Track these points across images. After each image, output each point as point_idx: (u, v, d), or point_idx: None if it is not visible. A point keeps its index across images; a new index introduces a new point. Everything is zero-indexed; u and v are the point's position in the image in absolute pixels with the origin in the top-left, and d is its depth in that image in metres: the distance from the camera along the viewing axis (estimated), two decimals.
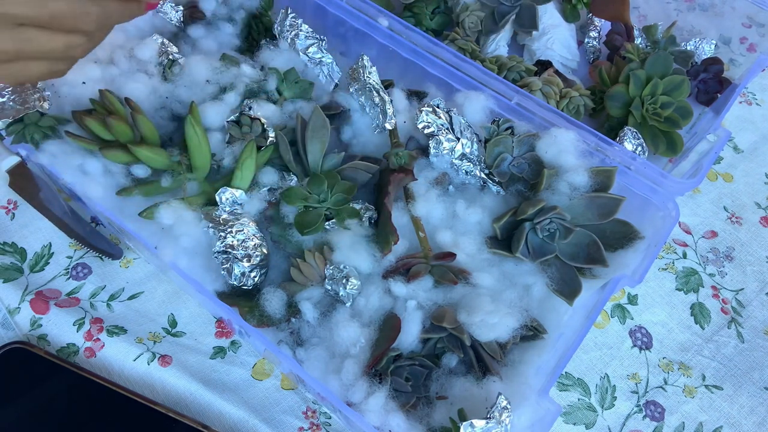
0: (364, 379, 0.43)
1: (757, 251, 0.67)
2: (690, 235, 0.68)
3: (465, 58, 0.61)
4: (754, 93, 0.81)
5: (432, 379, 0.46)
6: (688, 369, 0.58)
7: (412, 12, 0.75)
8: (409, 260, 0.50)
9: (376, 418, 0.42)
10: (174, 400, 0.52)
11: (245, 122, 0.53)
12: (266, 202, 0.52)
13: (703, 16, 0.79)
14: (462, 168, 0.55)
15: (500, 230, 0.52)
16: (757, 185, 0.73)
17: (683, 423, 0.55)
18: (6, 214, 0.60)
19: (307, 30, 0.61)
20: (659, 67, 0.67)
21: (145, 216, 0.50)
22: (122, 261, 0.58)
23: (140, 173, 0.52)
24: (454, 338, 0.46)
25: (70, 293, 0.56)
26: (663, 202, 0.54)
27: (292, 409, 0.52)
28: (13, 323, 0.53)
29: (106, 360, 0.53)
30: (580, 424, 0.54)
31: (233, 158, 0.52)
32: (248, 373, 0.54)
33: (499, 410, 0.40)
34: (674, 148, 0.67)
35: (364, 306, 0.47)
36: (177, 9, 0.64)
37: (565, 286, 0.51)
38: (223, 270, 0.49)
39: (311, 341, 0.47)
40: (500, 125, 0.56)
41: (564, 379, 0.56)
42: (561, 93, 0.68)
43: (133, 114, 0.51)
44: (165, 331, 0.55)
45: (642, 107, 0.66)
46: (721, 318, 0.62)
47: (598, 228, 0.52)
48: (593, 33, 0.79)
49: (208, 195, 0.51)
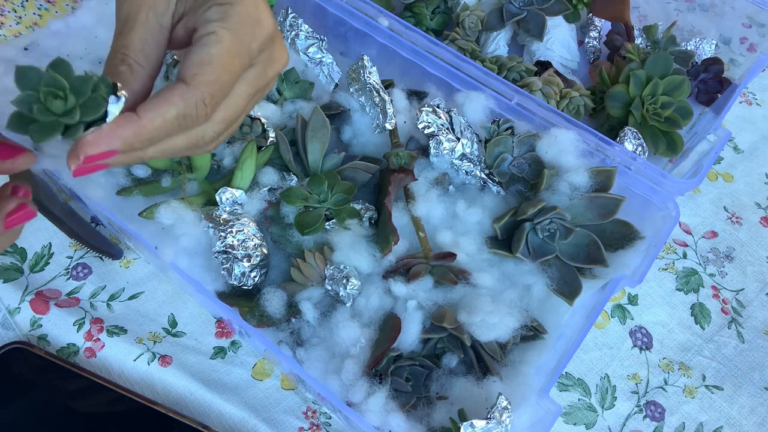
0: (364, 379, 0.43)
1: (757, 251, 0.67)
2: (690, 235, 0.68)
3: (465, 58, 0.61)
4: (754, 93, 0.81)
5: (432, 379, 0.46)
6: (689, 369, 0.58)
7: (412, 12, 0.75)
8: (409, 260, 0.50)
9: (376, 418, 0.42)
10: (174, 400, 0.52)
11: (245, 122, 0.53)
12: (266, 202, 0.52)
13: (703, 16, 0.79)
14: (462, 168, 0.55)
15: (500, 230, 0.52)
16: (757, 185, 0.73)
17: (683, 423, 0.55)
18: None
19: (307, 30, 0.61)
20: (659, 67, 0.67)
21: (145, 216, 0.50)
22: (122, 261, 0.58)
23: (140, 173, 0.52)
24: (455, 338, 0.46)
25: (70, 293, 0.56)
26: (663, 202, 0.54)
27: (292, 409, 0.52)
28: (13, 323, 0.53)
29: (106, 360, 0.53)
30: (580, 425, 0.54)
31: (233, 158, 0.52)
32: (248, 373, 0.54)
33: (500, 410, 0.40)
34: (674, 148, 0.67)
35: (365, 306, 0.47)
36: None
37: (565, 286, 0.51)
38: (223, 270, 0.49)
39: (311, 341, 0.48)
40: (500, 125, 0.56)
41: (564, 379, 0.56)
42: (561, 93, 0.68)
43: None
44: (165, 331, 0.55)
45: (642, 107, 0.66)
46: (721, 318, 0.62)
47: (599, 228, 0.52)
48: (593, 33, 0.79)
49: (208, 195, 0.51)
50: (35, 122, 0.30)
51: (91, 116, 0.30)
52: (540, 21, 0.73)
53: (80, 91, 0.30)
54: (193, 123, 0.33)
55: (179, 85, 0.32)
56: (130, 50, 0.33)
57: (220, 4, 0.34)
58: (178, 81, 0.33)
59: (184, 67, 0.33)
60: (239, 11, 0.34)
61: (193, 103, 0.33)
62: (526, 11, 0.73)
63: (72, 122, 0.30)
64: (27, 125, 0.30)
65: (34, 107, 0.30)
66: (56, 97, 0.30)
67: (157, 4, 0.34)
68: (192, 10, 0.35)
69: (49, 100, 0.30)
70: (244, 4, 0.35)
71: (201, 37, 0.34)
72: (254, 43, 0.35)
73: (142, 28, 0.34)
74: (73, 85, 0.30)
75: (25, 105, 0.30)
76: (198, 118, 0.33)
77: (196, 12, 0.35)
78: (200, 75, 0.33)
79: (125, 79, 0.33)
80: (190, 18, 0.35)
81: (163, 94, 0.32)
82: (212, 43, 0.33)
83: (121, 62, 0.33)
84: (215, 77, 0.33)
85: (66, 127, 0.30)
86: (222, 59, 0.33)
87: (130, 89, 0.33)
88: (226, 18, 0.34)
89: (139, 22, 0.34)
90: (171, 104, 0.32)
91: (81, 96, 0.30)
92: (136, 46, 0.34)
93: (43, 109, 0.30)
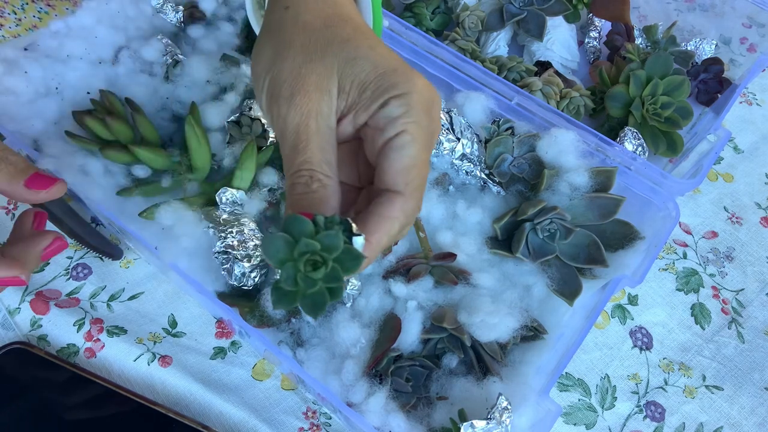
0: (364, 379, 0.43)
1: (757, 251, 0.67)
2: (690, 235, 0.68)
3: (465, 58, 0.61)
4: (754, 93, 0.81)
5: (432, 380, 0.46)
6: (689, 369, 0.58)
7: (413, 12, 0.75)
8: (409, 260, 0.50)
9: (376, 418, 0.42)
10: (174, 400, 0.52)
11: (245, 122, 0.53)
12: (266, 202, 0.52)
13: (703, 16, 0.79)
14: (462, 168, 0.55)
15: (500, 231, 0.52)
16: (758, 185, 0.73)
17: (683, 423, 0.55)
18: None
19: None
20: (659, 67, 0.67)
21: (145, 216, 0.49)
22: (122, 261, 0.58)
23: (140, 173, 0.52)
24: (455, 338, 0.46)
25: (70, 293, 0.56)
26: (663, 203, 0.54)
27: (292, 409, 0.52)
28: (13, 323, 0.53)
29: (106, 360, 0.53)
30: (580, 425, 0.54)
31: (233, 158, 0.52)
32: (248, 373, 0.54)
33: (500, 411, 0.40)
34: (674, 149, 0.67)
35: (365, 306, 0.47)
36: (177, 9, 0.64)
37: (565, 286, 0.51)
38: (223, 270, 0.48)
39: (311, 342, 0.47)
40: (500, 125, 0.56)
41: (564, 379, 0.56)
42: (561, 93, 0.68)
43: (134, 114, 0.51)
44: (165, 332, 0.55)
45: (642, 107, 0.66)
46: (721, 318, 0.62)
47: (599, 228, 0.52)
48: (593, 33, 0.79)
49: (208, 195, 0.51)
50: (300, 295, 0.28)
51: (352, 270, 0.28)
52: (540, 21, 0.73)
53: (333, 247, 0.28)
54: (409, 225, 0.33)
55: (396, 198, 0.32)
56: (314, 165, 0.32)
57: (398, 96, 0.33)
58: (392, 193, 0.32)
59: (390, 175, 0.32)
60: (418, 99, 0.33)
61: (411, 212, 0.32)
62: (526, 11, 0.73)
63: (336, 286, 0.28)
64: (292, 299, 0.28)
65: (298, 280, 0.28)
66: (315, 265, 0.28)
67: (321, 107, 0.32)
68: (360, 106, 0.33)
69: (308, 269, 0.28)
70: (418, 89, 0.33)
71: (393, 138, 0.32)
72: (434, 123, 0.34)
73: (317, 137, 0.32)
74: (324, 243, 0.27)
75: (290, 281, 0.28)
76: (413, 220, 0.33)
77: (369, 108, 0.33)
78: (411, 182, 0.32)
79: (324, 198, 0.31)
80: (360, 114, 0.34)
81: (383, 211, 0.31)
82: (408, 144, 0.32)
83: (311, 180, 0.31)
84: (422, 178, 0.33)
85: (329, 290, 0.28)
86: (421, 156, 0.33)
87: (331, 206, 0.32)
88: (410, 111, 0.32)
89: (312, 132, 0.32)
90: (394, 220, 0.31)
91: (334, 251, 0.28)
92: (318, 158, 0.32)
93: (305, 278, 0.28)
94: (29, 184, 0.39)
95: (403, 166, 0.32)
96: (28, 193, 0.39)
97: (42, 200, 0.40)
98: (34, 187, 0.39)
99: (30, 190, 0.39)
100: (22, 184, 0.39)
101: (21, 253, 0.40)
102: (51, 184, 0.39)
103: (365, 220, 0.31)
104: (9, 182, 0.38)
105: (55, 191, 0.39)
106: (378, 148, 0.33)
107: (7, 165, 0.38)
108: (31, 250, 0.40)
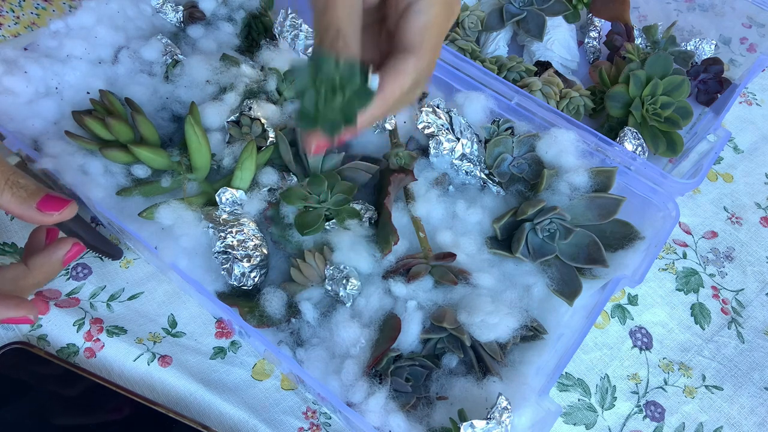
0: (364, 379, 0.43)
1: (757, 251, 0.67)
2: (690, 235, 0.68)
3: (465, 58, 0.61)
4: (754, 93, 0.81)
5: (432, 380, 0.46)
6: (689, 369, 0.58)
7: None
8: (409, 260, 0.50)
9: (376, 418, 0.42)
10: (174, 400, 0.52)
11: (245, 122, 0.53)
12: (266, 202, 0.52)
13: (703, 16, 0.79)
14: (462, 168, 0.55)
15: (500, 230, 0.52)
16: (757, 185, 0.73)
17: (683, 423, 0.55)
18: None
19: (307, 30, 0.61)
20: (659, 67, 0.67)
21: (145, 216, 0.49)
22: (122, 261, 0.58)
23: (140, 173, 0.52)
24: (455, 338, 0.46)
25: (70, 293, 0.56)
26: (663, 203, 0.54)
27: (292, 409, 0.52)
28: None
29: (106, 360, 0.53)
30: (580, 425, 0.54)
31: (233, 158, 0.52)
32: (248, 373, 0.54)
33: (500, 411, 0.40)
34: (674, 149, 0.67)
35: (365, 306, 0.47)
36: (177, 9, 0.64)
37: (565, 286, 0.51)
38: (223, 270, 0.48)
39: (311, 341, 0.47)
40: (500, 125, 0.56)
41: (564, 379, 0.56)
42: (561, 93, 0.68)
43: (133, 114, 0.51)
44: (165, 332, 0.55)
45: (642, 107, 0.66)
46: (721, 318, 0.62)
47: (599, 228, 0.52)
48: (593, 33, 0.79)
49: (208, 195, 0.51)
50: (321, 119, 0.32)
51: (364, 104, 0.33)
52: (540, 21, 0.73)
53: (351, 81, 0.32)
54: (421, 85, 0.36)
55: (410, 56, 0.34)
56: (342, 24, 0.34)
57: None
58: (408, 50, 0.34)
59: (407, 35, 0.35)
60: None
61: (423, 70, 0.34)
62: (526, 11, 0.73)
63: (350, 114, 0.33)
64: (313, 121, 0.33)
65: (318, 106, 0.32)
66: (335, 93, 0.32)
67: None
68: None
69: (329, 97, 0.32)
70: None
71: (413, 3, 0.35)
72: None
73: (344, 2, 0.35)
74: (342, 75, 0.32)
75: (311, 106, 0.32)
76: (425, 80, 0.35)
77: None
78: (427, 41, 0.34)
79: (345, 54, 0.34)
80: None
81: (396, 65, 0.34)
82: (428, 7, 0.34)
83: (337, 37, 0.34)
84: (437, 40, 0.35)
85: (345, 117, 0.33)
86: (439, 20, 0.35)
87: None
88: None
89: None
90: (407, 75, 0.34)
91: (352, 85, 0.32)
92: (345, 20, 0.34)
93: (324, 105, 0.32)
94: (41, 206, 0.39)
95: (421, 25, 0.34)
96: (41, 215, 0.40)
97: (55, 222, 0.41)
98: (46, 209, 0.40)
99: (43, 212, 0.39)
100: (34, 207, 0.39)
101: (44, 261, 0.42)
102: (63, 206, 0.40)
103: (380, 73, 0.34)
104: (21, 206, 0.39)
105: (67, 213, 0.40)
106: (400, 12, 0.35)
107: (18, 189, 0.39)
108: (53, 257, 0.42)
